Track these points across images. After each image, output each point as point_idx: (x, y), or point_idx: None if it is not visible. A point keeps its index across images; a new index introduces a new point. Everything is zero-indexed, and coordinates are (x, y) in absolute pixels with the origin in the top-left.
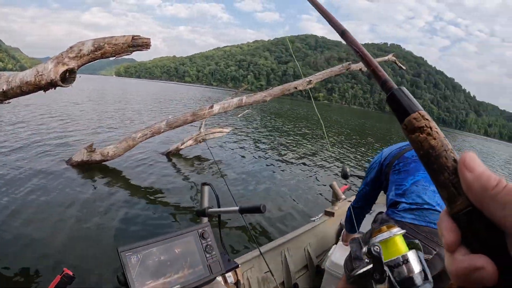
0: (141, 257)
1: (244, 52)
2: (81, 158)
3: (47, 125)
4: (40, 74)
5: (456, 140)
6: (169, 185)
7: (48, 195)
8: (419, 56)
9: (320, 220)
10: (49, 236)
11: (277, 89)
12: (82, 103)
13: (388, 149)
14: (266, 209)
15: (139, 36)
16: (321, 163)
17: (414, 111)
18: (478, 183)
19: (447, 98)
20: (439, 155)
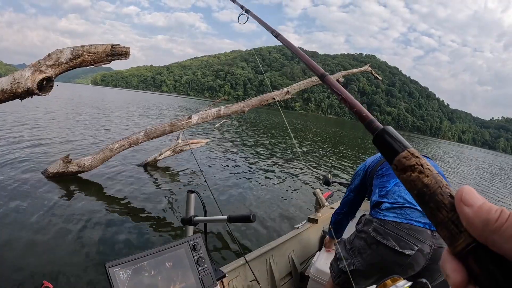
0: (130, 273)
1: (222, 62)
2: (57, 169)
3: (19, 134)
4: (17, 82)
5: (430, 147)
6: (149, 195)
7: (23, 208)
8: (393, 66)
9: (303, 227)
10: (27, 250)
11: (255, 99)
12: (56, 112)
13: (372, 158)
14: (256, 218)
15: (119, 45)
16: (302, 171)
17: (403, 150)
18: (479, 218)
19: (421, 107)
20: (434, 193)
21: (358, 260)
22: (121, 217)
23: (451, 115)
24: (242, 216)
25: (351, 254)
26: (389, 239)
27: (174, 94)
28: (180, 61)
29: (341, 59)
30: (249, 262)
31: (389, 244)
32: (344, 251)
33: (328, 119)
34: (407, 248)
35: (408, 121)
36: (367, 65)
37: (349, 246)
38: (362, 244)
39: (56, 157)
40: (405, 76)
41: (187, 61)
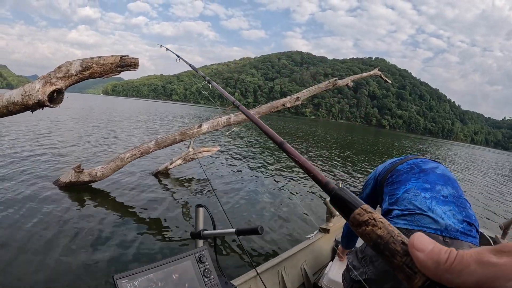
0: (137, 284)
1: (231, 69)
2: (69, 179)
3: (32, 144)
4: (28, 94)
5: (441, 149)
6: (160, 206)
7: (35, 218)
8: (403, 68)
9: (315, 237)
10: (37, 260)
11: (265, 106)
12: (67, 122)
13: (382, 166)
14: (263, 231)
15: (127, 56)
16: (309, 180)
17: (356, 207)
18: (431, 260)
19: (432, 109)
20: (387, 242)
21: (370, 269)
22: (131, 227)
23: (462, 116)
24: (250, 229)
25: (363, 263)
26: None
27: (185, 103)
28: (189, 69)
29: (350, 63)
30: (260, 274)
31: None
32: (356, 261)
33: (339, 124)
34: None
35: (420, 124)
36: (376, 69)
37: (361, 255)
38: (373, 252)
39: (67, 166)
40: (415, 79)
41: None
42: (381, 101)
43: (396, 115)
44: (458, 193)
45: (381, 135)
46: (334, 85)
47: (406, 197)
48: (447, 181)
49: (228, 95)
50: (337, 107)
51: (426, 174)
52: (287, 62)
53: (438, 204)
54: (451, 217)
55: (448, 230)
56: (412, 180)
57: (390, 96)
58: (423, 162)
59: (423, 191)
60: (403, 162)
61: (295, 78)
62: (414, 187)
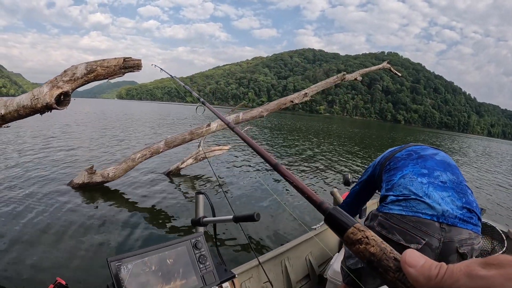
0: (131, 267)
1: (244, 69)
2: (82, 180)
3: (47, 147)
4: (36, 98)
5: (455, 143)
6: (170, 203)
7: (48, 217)
8: (416, 62)
9: (321, 228)
10: (46, 252)
11: (273, 103)
12: (80, 126)
13: (381, 155)
14: (260, 217)
15: (131, 58)
16: (321, 172)
17: (350, 226)
18: (423, 275)
19: (448, 102)
20: (380, 259)
21: None
22: (140, 224)
23: (478, 108)
24: (247, 216)
25: None
26: (394, 233)
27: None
28: (202, 71)
29: (363, 59)
30: (262, 264)
31: (394, 238)
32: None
33: (353, 120)
34: (413, 242)
35: (435, 118)
36: (385, 62)
37: None
38: None
39: (80, 168)
40: (429, 72)
41: (210, 71)
42: (395, 96)
43: (411, 109)
44: (458, 179)
45: (396, 130)
46: (343, 79)
47: (402, 183)
48: (446, 167)
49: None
50: (351, 103)
51: (425, 160)
52: (300, 60)
53: (435, 190)
54: (449, 203)
55: (446, 216)
56: (410, 166)
57: (404, 90)
58: (422, 148)
59: (420, 176)
60: (402, 149)
61: (308, 76)
62: (411, 172)
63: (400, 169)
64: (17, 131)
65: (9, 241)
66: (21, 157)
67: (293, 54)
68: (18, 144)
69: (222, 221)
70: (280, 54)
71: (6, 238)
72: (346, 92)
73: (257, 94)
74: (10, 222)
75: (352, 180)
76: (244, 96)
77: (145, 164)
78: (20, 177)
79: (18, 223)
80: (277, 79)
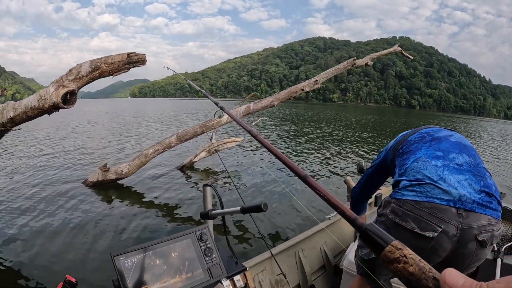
0: (135, 261)
1: (255, 61)
2: (96, 178)
3: (61, 148)
4: (43, 99)
5: (469, 126)
6: (183, 197)
7: (64, 215)
8: (429, 45)
9: (335, 217)
10: (59, 250)
11: (284, 92)
12: (91, 125)
13: (393, 139)
14: (267, 207)
15: (134, 53)
16: (335, 160)
17: (387, 245)
18: None
19: (462, 85)
20: (419, 279)
21: None
22: (155, 220)
23: (494, 91)
24: (254, 206)
25: None
26: (408, 220)
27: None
28: (213, 65)
29: (375, 44)
30: (275, 256)
31: (408, 226)
32: None
33: (367, 107)
34: (429, 230)
35: (451, 102)
36: (395, 45)
37: None
38: (382, 228)
39: (94, 166)
40: (442, 55)
41: (221, 64)
42: (409, 81)
43: (426, 94)
44: (475, 161)
45: (410, 115)
46: (353, 65)
47: (415, 167)
48: (462, 148)
49: (243, 124)
50: (365, 90)
51: (439, 142)
52: (310, 49)
53: (451, 173)
54: (466, 186)
55: (463, 201)
56: (423, 149)
57: (418, 75)
58: (436, 130)
59: (434, 159)
60: (415, 132)
61: (320, 64)
62: (425, 155)
63: (413, 152)
64: (31, 133)
65: (24, 239)
66: (36, 158)
67: (303, 44)
68: (33, 145)
69: (230, 213)
70: (291, 44)
71: (22, 236)
72: (359, 79)
73: (269, 85)
74: (26, 221)
75: (367, 168)
76: (256, 88)
77: (158, 159)
78: (36, 178)
79: (33, 222)
80: (288, 69)
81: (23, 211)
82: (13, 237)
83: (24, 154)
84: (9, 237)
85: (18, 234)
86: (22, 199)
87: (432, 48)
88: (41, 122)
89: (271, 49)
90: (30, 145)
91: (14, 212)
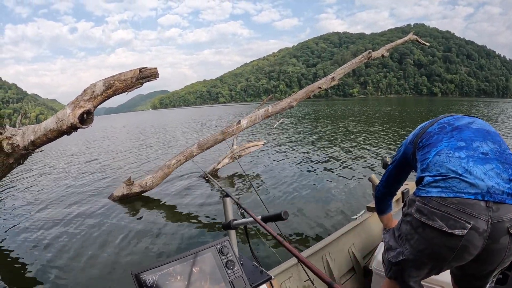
0: (156, 279)
1: (272, 63)
2: (121, 192)
3: (87, 163)
4: (61, 120)
5: (490, 108)
6: (207, 207)
7: (90, 231)
8: (445, 30)
9: (362, 217)
10: (85, 266)
11: (301, 92)
12: (115, 139)
13: (412, 132)
14: (288, 215)
15: (146, 68)
16: (358, 158)
17: None
18: None
19: (483, 68)
20: None
21: (407, 248)
22: (181, 232)
23: None
24: (274, 215)
25: (400, 242)
26: (435, 219)
27: (232, 103)
28: (231, 70)
29: (390, 34)
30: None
31: (436, 225)
32: (393, 240)
33: (388, 99)
34: (457, 228)
35: (473, 86)
36: (410, 33)
37: (397, 233)
38: (408, 229)
39: (121, 180)
40: (460, 38)
41: (238, 69)
42: (428, 68)
43: (446, 80)
44: (501, 148)
45: (433, 103)
46: (369, 57)
47: (437, 160)
48: (486, 135)
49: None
50: (384, 82)
51: (460, 131)
52: (326, 45)
53: (476, 164)
54: (494, 176)
55: (491, 193)
56: (444, 140)
57: (436, 61)
58: (455, 119)
59: (457, 151)
60: (434, 123)
61: (337, 60)
62: (446, 147)
63: (434, 145)
64: (57, 151)
65: (54, 253)
66: (65, 175)
67: (318, 40)
68: (60, 163)
69: (251, 223)
70: (305, 42)
71: (52, 250)
72: (378, 72)
73: (288, 86)
74: (53, 237)
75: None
76: (276, 89)
77: (181, 169)
78: (62, 195)
79: (60, 239)
80: (306, 68)
81: (51, 228)
82: (43, 251)
83: (51, 172)
84: (39, 251)
85: (47, 249)
86: (52, 220)
87: (448, 32)
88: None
89: (287, 49)
90: (57, 163)
91: (44, 227)
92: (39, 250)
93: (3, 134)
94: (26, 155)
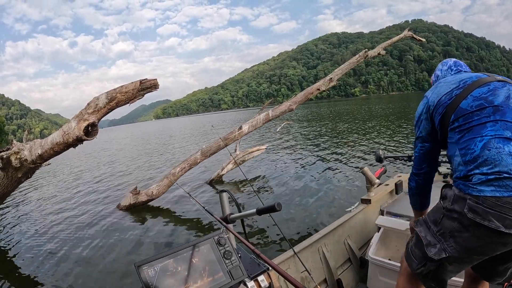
0: (158, 270)
1: (272, 67)
2: (128, 202)
3: (94, 175)
4: (67, 133)
5: None
6: (215, 211)
7: (97, 242)
8: (443, 24)
9: (357, 209)
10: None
11: (300, 95)
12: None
13: (434, 94)
14: (281, 207)
15: (146, 79)
16: (352, 154)
17: None
18: None
19: (483, 59)
20: None
21: (451, 245)
22: (186, 233)
23: None
24: (268, 207)
25: (439, 238)
26: (491, 219)
27: (235, 109)
28: (232, 76)
29: (388, 32)
30: (298, 253)
31: (492, 225)
32: (429, 234)
33: (390, 97)
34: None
35: None
36: (406, 30)
37: (436, 228)
38: (455, 226)
39: (127, 190)
40: (458, 32)
41: (239, 75)
42: (428, 63)
43: None
44: None
45: None
46: (365, 57)
47: (487, 156)
48: None
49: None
50: (386, 79)
51: (502, 113)
52: (325, 46)
53: None
54: None
55: None
56: (488, 128)
57: (436, 56)
58: (491, 92)
59: (506, 144)
60: (466, 95)
61: (337, 60)
62: (493, 138)
63: (477, 132)
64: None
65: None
66: (73, 186)
67: (317, 42)
68: (66, 175)
69: (247, 216)
70: (305, 44)
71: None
72: (378, 70)
73: (289, 89)
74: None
75: (385, 156)
76: (277, 93)
77: (186, 177)
78: (71, 207)
79: (69, 250)
80: (306, 70)
81: (62, 239)
82: (51, 260)
83: (60, 184)
84: (48, 260)
85: (57, 259)
86: (60, 233)
87: (446, 26)
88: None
89: (286, 53)
90: (64, 175)
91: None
92: (45, 257)
93: (11, 149)
94: (34, 168)
